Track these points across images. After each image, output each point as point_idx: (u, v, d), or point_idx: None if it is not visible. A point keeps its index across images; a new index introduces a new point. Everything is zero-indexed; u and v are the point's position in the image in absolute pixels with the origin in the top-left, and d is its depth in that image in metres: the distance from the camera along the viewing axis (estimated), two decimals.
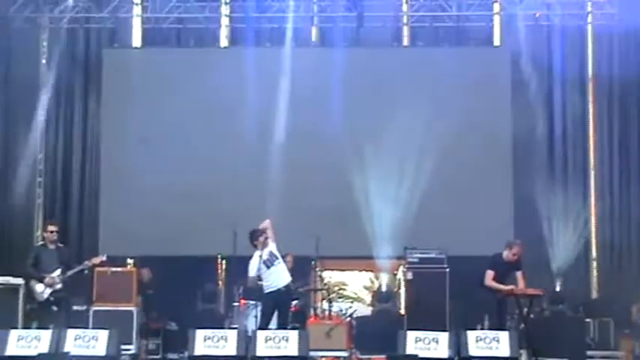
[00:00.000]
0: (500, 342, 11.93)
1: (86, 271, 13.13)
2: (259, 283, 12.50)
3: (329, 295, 14.71)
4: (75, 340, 11.78)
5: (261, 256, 12.35)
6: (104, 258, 13.30)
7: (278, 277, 12.41)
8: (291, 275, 13.33)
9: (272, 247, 12.45)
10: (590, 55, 17.05)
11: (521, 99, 16.54)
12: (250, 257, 12.49)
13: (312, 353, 12.33)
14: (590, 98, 16.98)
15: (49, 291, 12.60)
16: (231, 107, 16.22)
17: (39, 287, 12.63)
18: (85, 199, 17.04)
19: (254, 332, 12.06)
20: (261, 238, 12.37)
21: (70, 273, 12.68)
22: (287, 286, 12.49)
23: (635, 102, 16.87)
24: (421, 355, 11.67)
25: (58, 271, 12.63)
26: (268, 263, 12.34)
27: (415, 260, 14.30)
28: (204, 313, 15.22)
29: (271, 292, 12.40)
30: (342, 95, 16.15)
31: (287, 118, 16.16)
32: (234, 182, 15.96)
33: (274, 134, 16.13)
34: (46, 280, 12.58)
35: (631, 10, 16.62)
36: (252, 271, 12.41)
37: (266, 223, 12.51)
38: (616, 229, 16.59)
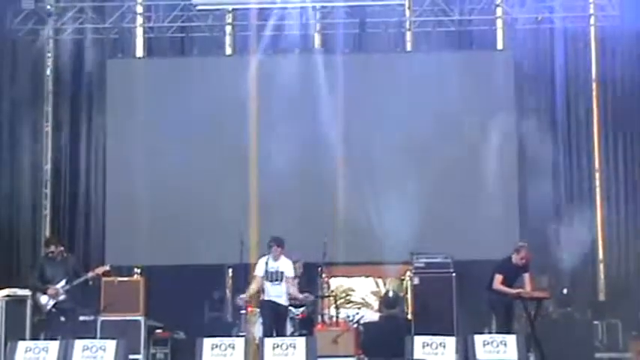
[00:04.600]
0: (508, 345, 11.92)
1: (90, 282, 13.15)
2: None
3: (336, 301, 14.72)
4: (83, 351, 11.84)
5: (267, 263, 12.47)
6: (107, 267, 13.35)
7: (274, 293, 12.52)
8: (299, 282, 13.35)
9: (283, 264, 12.55)
10: (594, 57, 17.01)
11: (525, 102, 16.56)
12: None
13: None
14: (594, 101, 16.93)
15: (52, 302, 12.61)
16: (236, 115, 16.22)
17: (43, 299, 12.65)
18: (91, 210, 17.01)
19: (261, 340, 12.08)
20: (278, 250, 12.50)
21: (74, 283, 12.67)
22: (281, 305, 12.56)
23: None
24: None
25: (63, 282, 12.62)
26: (271, 277, 12.49)
27: (421, 265, 14.31)
28: (211, 322, 15.24)
29: (264, 300, 12.57)
30: (345, 101, 16.17)
31: (291, 124, 16.16)
32: (240, 190, 15.92)
33: (279, 142, 16.12)
34: (50, 291, 12.59)
35: (633, 11, 16.64)
36: (259, 271, 12.55)
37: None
38: (622, 230, 16.54)
